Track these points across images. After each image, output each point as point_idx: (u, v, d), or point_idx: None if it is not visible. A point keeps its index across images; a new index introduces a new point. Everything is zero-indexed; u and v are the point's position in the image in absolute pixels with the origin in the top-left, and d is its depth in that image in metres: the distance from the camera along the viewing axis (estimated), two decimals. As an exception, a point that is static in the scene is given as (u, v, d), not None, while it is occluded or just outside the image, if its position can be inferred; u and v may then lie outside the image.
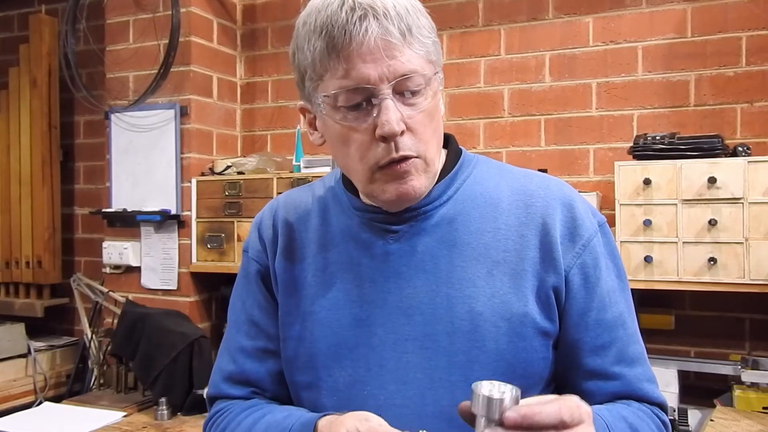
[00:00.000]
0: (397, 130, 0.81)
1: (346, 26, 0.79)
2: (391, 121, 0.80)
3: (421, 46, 0.83)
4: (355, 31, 0.79)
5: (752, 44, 2.15)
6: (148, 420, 2.24)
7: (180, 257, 2.55)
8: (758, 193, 1.85)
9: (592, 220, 0.91)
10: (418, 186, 0.85)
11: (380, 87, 0.80)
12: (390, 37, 0.79)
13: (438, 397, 0.85)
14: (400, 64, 0.80)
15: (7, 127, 2.96)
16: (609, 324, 0.88)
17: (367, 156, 0.84)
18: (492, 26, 2.46)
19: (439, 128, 0.89)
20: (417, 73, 0.82)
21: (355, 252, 0.92)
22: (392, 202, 0.87)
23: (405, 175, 0.84)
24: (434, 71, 0.85)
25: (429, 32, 0.85)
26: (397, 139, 0.82)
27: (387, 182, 0.85)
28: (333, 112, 0.84)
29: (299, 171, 2.44)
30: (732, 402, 1.97)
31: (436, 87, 0.86)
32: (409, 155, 0.83)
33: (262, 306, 0.98)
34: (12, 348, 2.69)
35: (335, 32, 0.80)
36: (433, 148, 0.87)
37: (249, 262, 1.01)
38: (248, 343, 0.97)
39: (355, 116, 0.83)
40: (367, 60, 0.80)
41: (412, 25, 0.81)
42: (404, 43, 0.81)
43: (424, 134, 0.84)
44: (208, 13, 2.66)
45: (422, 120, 0.84)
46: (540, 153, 2.40)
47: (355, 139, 0.84)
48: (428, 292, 0.87)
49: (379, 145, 0.82)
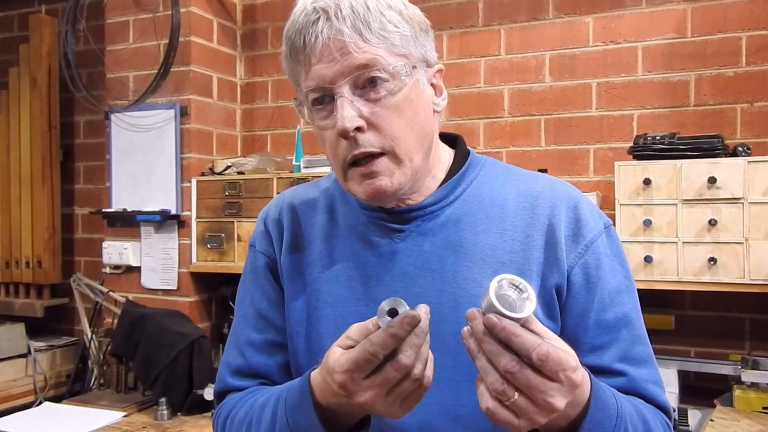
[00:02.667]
0: (348, 126, 0.81)
1: (301, 31, 0.83)
2: (344, 118, 0.81)
3: (381, 41, 0.82)
4: (308, 35, 0.82)
5: (752, 44, 2.15)
6: (148, 420, 2.24)
7: (180, 257, 2.55)
8: (758, 193, 1.85)
9: (597, 222, 0.92)
10: (388, 185, 0.84)
11: (337, 85, 0.82)
12: (341, 36, 0.80)
13: (443, 397, 0.85)
14: (353, 59, 0.81)
15: (7, 127, 2.96)
16: (609, 325, 0.88)
17: (337, 154, 0.85)
18: (492, 26, 2.46)
19: (417, 122, 0.86)
20: (375, 66, 0.81)
21: (361, 250, 0.92)
22: (367, 200, 0.88)
23: (372, 175, 0.84)
24: (405, 63, 0.84)
25: (397, 26, 0.83)
26: (356, 135, 0.82)
27: (357, 182, 0.86)
28: (308, 113, 0.87)
29: (299, 171, 2.44)
30: (732, 402, 1.97)
31: (405, 79, 0.84)
32: (370, 151, 0.83)
33: (271, 299, 0.98)
34: (12, 348, 2.69)
35: (294, 37, 0.84)
36: (407, 142, 0.85)
37: (256, 256, 1.01)
38: (257, 337, 0.97)
39: (323, 116, 0.85)
40: (323, 60, 0.82)
41: (371, 21, 0.81)
42: (360, 39, 0.81)
43: (390, 130, 0.83)
44: (208, 13, 2.66)
45: (387, 115, 0.83)
46: (540, 153, 2.40)
47: (326, 138, 0.86)
48: (434, 292, 0.87)
49: (343, 142, 0.83)
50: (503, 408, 0.66)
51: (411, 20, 0.86)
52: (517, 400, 0.65)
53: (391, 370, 0.69)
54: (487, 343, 0.65)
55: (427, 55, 0.88)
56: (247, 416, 0.90)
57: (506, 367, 0.64)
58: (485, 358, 0.66)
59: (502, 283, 0.67)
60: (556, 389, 0.65)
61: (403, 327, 0.68)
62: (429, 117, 0.89)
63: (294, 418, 0.79)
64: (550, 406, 0.65)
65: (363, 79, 0.82)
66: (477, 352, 0.67)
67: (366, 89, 0.83)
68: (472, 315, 0.66)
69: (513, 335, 0.64)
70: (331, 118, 0.83)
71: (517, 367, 0.64)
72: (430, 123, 0.90)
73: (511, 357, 0.64)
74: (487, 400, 0.66)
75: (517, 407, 0.65)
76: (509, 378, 0.64)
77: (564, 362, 0.65)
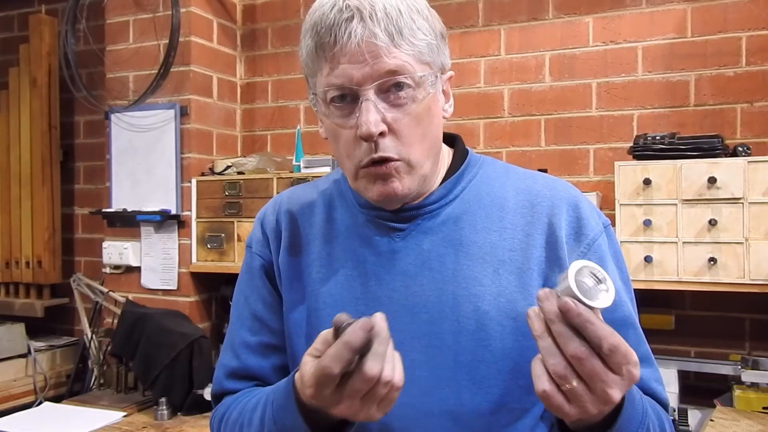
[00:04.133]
0: (374, 131, 0.81)
1: (332, 28, 0.81)
2: (369, 123, 0.80)
3: (411, 47, 0.82)
4: (340, 33, 0.80)
5: (752, 44, 2.15)
6: (148, 420, 2.24)
7: (180, 257, 2.55)
8: (758, 193, 1.85)
9: (597, 221, 0.92)
10: (400, 188, 0.85)
11: (363, 87, 0.81)
12: (375, 39, 0.80)
13: (443, 396, 0.85)
14: (384, 63, 0.81)
15: (7, 127, 2.96)
16: (617, 324, 0.87)
17: (353, 154, 0.85)
18: (492, 26, 2.46)
19: (431, 131, 0.87)
20: (403, 72, 0.82)
21: (360, 249, 0.92)
22: (377, 201, 0.88)
23: (386, 177, 0.85)
24: (429, 72, 0.85)
25: (425, 34, 0.84)
26: (378, 140, 0.82)
27: (370, 182, 0.86)
28: (324, 109, 0.86)
29: (299, 171, 2.44)
30: (732, 402, 1.97)
31: (429, 89, 0.85)
32: (389, 157, 0.83)
33: (266, 301, 0.98)
34: (12, 348, 2.69)
35: (323, 32, 0.82)
36: (420, 151, 0.86)
37: (252, 258, 1.01)
38: (251, 339, 0.97)
39: (342, 114, 0.84)
40: (352, 61, 0.81)
41: (402, 27, 0.81)
42: (391, 44, 0.81)
43: (408, 137, 0.84)
44: (208, 13, 2.66)
45: (408, 123, 0.84)
46: (540, 153, 2.40)
47: (343, 136, 0.85)
48: (434, 291, 0.87)
49: (362, 144, 0.83)
50: (559, 393, 0.66)
51: (434, 27, 0.87)
52: (576, 387, 0.65)
53: (359, 381, 0.69)
54: (558, 325, 0.65)
55: (444, 62, 0.89)
56: (240, 417, 0.90)
57: (575, 352, 0.64)
58: (551, 340, 0.65)
59: (583, 270, 0.66)
60: (617, 382, 0.65)
61: (356, 333, 0.67)
62: (440, 125, 0.91)
63: (280, 418, 0.79)
64: (606, 397, 0.65)
65: (389, 84, 0.82)
66: (542, 332, 0.66)
67: (389, 93, 0.83)
68: (545, 295, 0.66)
69: (588, 322, 0.64)
70: (352, 117, 0.83)
71: (586, 354, 0.64)
72: (440, 131, 0.91)
73: (581, 342, 0.64)
74: (545, 383, 0.66)
75: (573, 394, 0.65)
76: (574, 363, 0.64)
77: (630, 357, 0.65)
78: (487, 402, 0.84)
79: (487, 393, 0.84)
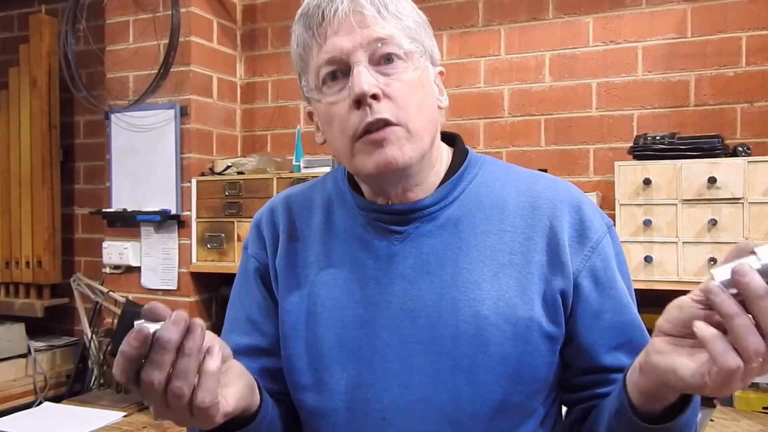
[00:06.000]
0: (366, 89, 0.80)
1: (320, 5, 0.84)
2: (362, 83, 0.80)
3: (398, 22, 0.84)
4: (328, 10, 0.83)
5: (752, 44, 2.15)
6: (148, 420, 2.23)
7: (180, 257, 2.55)
8: (758, 193, 1.85)
9: (600, 222, 0.91)
10: (400, 155, 0.82)
11: (354, 56, 0.82)
12: (362, 9, 0.82)
13: (442, 401, 0.84)
14: (372, 31, 0.82)
15: (7, 127, 2.95)
16: (627, 326, 0.88)
17: (347, 127, 0.83)
18: (492, 26, 2.46)
19: (427, 105, 0.87)
20: (393, 40, 0.83)
21: (358, 252, 0.91)
22: (375, 175, 0.84)
23: (384, 143, 0.82)
24: (417, 49, 0.86)
25: (409, 12, 0.87)
26: (372, 103, 0.81)
27: (367, 153, 0.83)
28: (317, 94, 0.86)
29: (299, 171, 2.44)
30: (732, 402, 1.97)
31: (420, 64, 0.86)
32: (385, 118, 0.82)
33: (260, 304, 0.97)
34: (12, 348, 2.69)
35: (311, 12, 0.85)
36: (419, 121, 0.84)
37: (248, 260, 1.00)
38: (242, 341, 0.96)
39: (335, 90, 0.84)
40: (340, 33, 0.82)
41: (388, 3, 0.84)
42: (378, 15, 0.83)
43: (404, 103, 0.83)
44: (208, 13, 2.66)
45: (402, 89, 0.83)
46: (540, 153, 2.40)
47: (336, 113, 0.84)
48: (433, 295, 0.86)
49: (355, 113, 0.82)
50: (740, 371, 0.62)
51: (419, 14, 0.89)
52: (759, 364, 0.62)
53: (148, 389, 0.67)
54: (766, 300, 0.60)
55: (433, 51, 0.90)
56: None
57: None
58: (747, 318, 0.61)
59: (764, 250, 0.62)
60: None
61: (128, 343, 0.66)
62: (436, 108, 0.90)
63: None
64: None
65: (379, 54, 0.83)
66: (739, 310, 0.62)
67: (381, 66, 0.83)
68: (744, 270, 0.61)
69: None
70: (344, 90, 0.83)
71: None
72: (437, 114, 0.90)
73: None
74: (735, 359, 0.62)
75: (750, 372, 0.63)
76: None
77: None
78: (486, 407, 0.83)
79: (487, 398, 0.83)
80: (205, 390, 0.68)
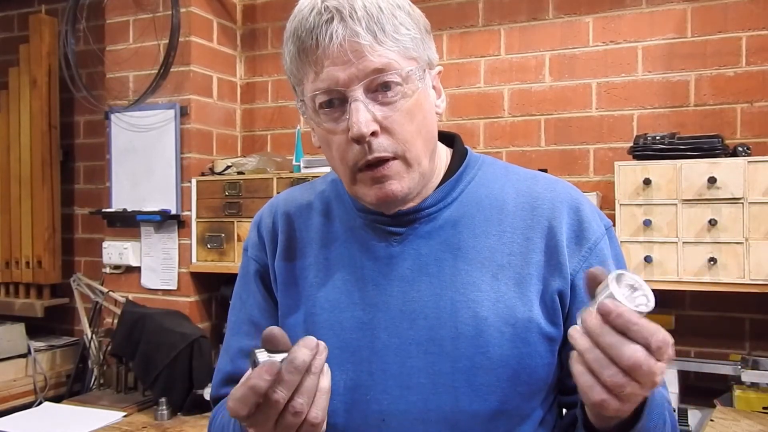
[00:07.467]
0: (365, 131, 0.79)
1: (313, 31, 0.80)
2: (360, 123, 0.79)
3: (395, 44, 0.81)
4: (322, 36, 0.79)
5: (752, 44, 2.15)
6: (148, 420, 2.24)
7: (180, 257, 2.55)
8: (758, 193, 1.85)
9: (599, 223, 0.90)
10: (399, 189, 0.84)
11: (351, 88, 0.80)
12: (357, 38, 0.79)
13: (441, 403, 0.84)
14: (369, 62, 0.79)
15: (7, 127, 2.96)
16: None
17: (346, 158, 0.83)
18: (492, 26, 2.46)
19: (425, 126, 0.85)
20: (390, 70, 0.80)
21: (357, 253, 0.91)
22: (376, 205, 0.86)
23: (383, 179, 0.83)
24: (416, 67, 0.83)
25: (408, 29, 0.82)
26: (371, 140, 0.81)
27: (367, 185, 0.84)
28: (313, 115, 0.85)
29: (299, 171, 2.44)
30: (732, 402, 1.97)
31: (417, 83, 0.83)
32: (383, 156, 0.82)
33: (262, 306, 0.97)
34: (12, 348, 2.69)
35: (304, 36, 0.81)
36: (417, 146, 0.84)
37: (248, 262, 1.00)
38: (246, 343, 0.96)
39: (332, 119, 0.83)
40: (336, 63, 0.79)
41: (385, 24, 0.80)
42: (375, 42, 0.79)
43: (402, 134, 0.82)
44: (208, 13, 2.66)
45: (399, 119, 0.82)
46: (540, 153, 2.40)
47: (335, 141, 0.84)
48: (432, 296, 0.86)
49: (355, 146, 0.82)
50: (614, 398, 0.64)
51: (418, 22, 0.85)
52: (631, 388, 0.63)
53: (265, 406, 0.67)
54: (607, 335, 0.62)
55: (431, 56, 0.88)
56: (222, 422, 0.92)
57: (633, 359, 0.61)
58: (599, 352, 0.63)
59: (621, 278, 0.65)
60: (662, 368, 0.64)
61: (261, 377, 0.66)
62: (434, 120, 0.89)
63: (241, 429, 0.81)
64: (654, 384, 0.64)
65: (376, 84, 0.81)
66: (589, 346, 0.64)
67: (378, 92, 0.81)
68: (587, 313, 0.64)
69: (631, 323, 0.62)
70: (341, 121, 0.82)
71: (644, 357, 0.61)
72: (435, 127, 0.89)
73: (636, 347, 0.61)
74: (601, 393, 0.63)
75: (628, 395, 0.63)
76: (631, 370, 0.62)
77: (670, 342, 0.63)
78: (485, 408, 0.83)
79: (486, 399, 0.83)
80: (319, 407, 0.70)
